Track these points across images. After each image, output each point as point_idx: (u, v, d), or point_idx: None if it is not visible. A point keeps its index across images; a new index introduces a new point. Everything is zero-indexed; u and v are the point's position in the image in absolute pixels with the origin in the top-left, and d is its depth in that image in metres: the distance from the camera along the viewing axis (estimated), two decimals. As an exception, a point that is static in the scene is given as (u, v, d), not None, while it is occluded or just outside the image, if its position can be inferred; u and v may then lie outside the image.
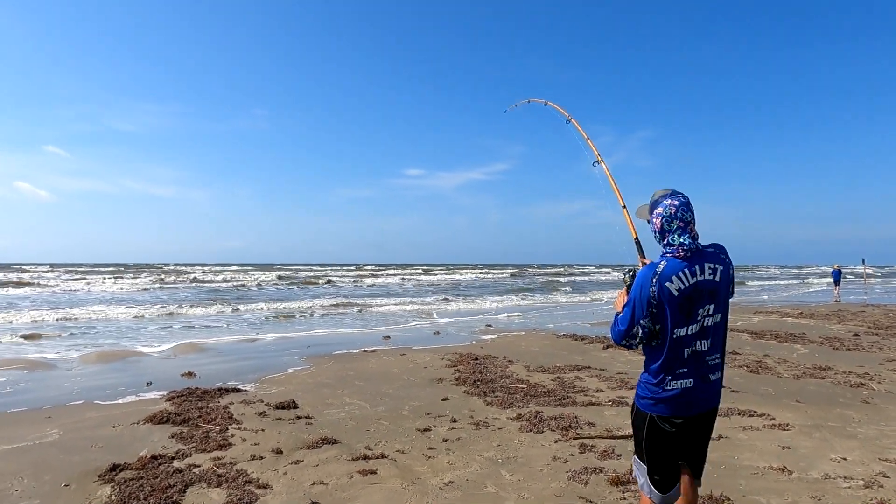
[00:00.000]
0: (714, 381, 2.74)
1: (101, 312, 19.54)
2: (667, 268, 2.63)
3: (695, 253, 2.65)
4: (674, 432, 2.71)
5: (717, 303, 2.67)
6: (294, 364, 10.11)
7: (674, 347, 2.63)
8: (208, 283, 41.33)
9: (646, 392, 2.75)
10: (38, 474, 4.70)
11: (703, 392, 2.69)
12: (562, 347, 11.96)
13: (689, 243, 2.63)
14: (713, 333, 2.69)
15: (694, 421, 2.73)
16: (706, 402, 2.73)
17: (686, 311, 2.61)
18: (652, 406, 2.72)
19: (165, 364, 10.27)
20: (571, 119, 4.66)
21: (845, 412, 6.48)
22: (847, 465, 4.75)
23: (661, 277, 2.61)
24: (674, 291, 2.59)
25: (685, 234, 2.64)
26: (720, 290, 2.68)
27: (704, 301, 2.63)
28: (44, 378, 8.95)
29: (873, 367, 9.24)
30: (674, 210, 2.66)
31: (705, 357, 2.69)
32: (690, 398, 2.67)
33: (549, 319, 18.89)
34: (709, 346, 2.68)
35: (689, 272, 2.61)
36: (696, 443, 2.81)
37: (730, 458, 4.95)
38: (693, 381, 2.66)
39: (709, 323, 2.66)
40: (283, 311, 21.46)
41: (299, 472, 4.70)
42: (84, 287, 35.15)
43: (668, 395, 2.67)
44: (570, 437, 5.57)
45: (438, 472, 4.69)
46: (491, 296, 32.16)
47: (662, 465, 2.76)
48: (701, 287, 2.62)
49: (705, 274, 2.63)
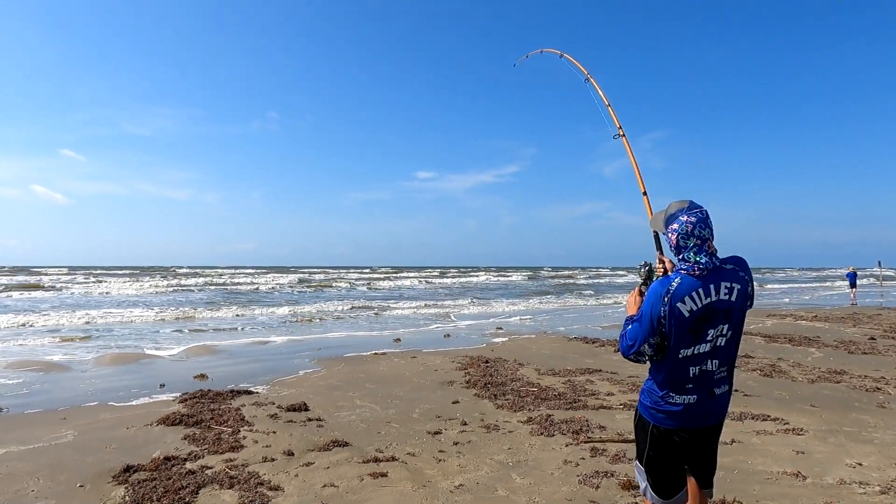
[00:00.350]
0: (720, 395, 2.67)
1: (118, 315, 19.76)
2: (680, 286, 2.51)
3: (712, 271, 2.53)
4: (676, 443, 2.66)
5: (732, 322, 2.58)
6: (305, 367, 10.16)
7: (679, 366, 2.57)
8: (223, 286, 41.62)
9: (648, 401, 2.71)
10: (53, 475, 4.76)
11: (708, 407, 2.63)
12: (573, 350, 11.91)
13: (705, 262, 2.51)
14: (725, 352, 2.62)
15: (698, 434, 2.68)
16: (711, 416, 2.68)
17: (695, 331, 2.52)
18: (654, 416, 2.68)
19: (178, 366, 10.36)
20: (590, 78, 4.23)
21: (861, 417, 6.40)
22: (863, 470, 4.69)
23: (673, 296, 2.50)
24: (685, 312, 2.49)
25: (702, 253, 2.52)
26: (735, 309, 2.57)
27: (718, 321, 2.54)
28: (59, 379, 9.07)
29: (889, 372, 9.11)
30: (690, 227, 2.52)
31: (715, 374, 2.63)
32: (694, 413, 2.62)
33: (560, 322, 18.82)
34: (718, 364, 2.62)
35: (704, 292, 2.50)
36: (702, 454, 2.75)
37: (743, 462, 4.90)
38: (698, 397, 2.60)
39: (721, 343, 2.58)
40: (302, 314, 21.52)
41: (310, 475, 4.72)
42: (101, 290, 35.55)
43: (671, 410, 2.62)
44: (581, 440, 5.55)
45: (449, 475, 4.69)
46: (505, 298, 32.13)
47: (664, 473, 2.72)
48: (715, 307, 2.52)
49: (721, 294, 2.52)
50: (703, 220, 2.54)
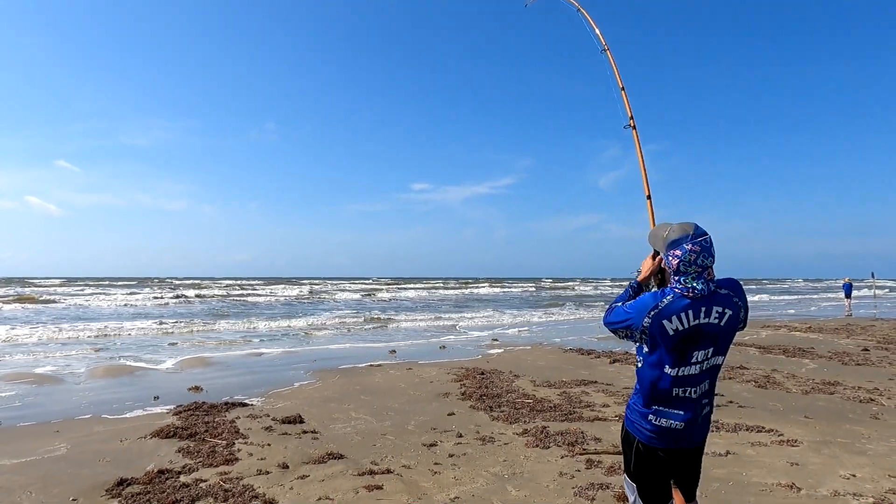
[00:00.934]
0: (703, 418, 2.69)
1: (112, 327, 19.65)
2: (670, 304, 2.51)
3: (706, 296, 2.52)
4: (661, 458, 2.68)
5: (719, 346, 2.58)
6: (300, 378, 10.13)
7: (665, 385, 2.58)
8: (221, 297, 41.44)
9: (634, 417, 2.72)
10: (46, 488, 4.73)
11: (691, 432, 2.65)
12: (568, 362, 11.92)
13: (700, 288, 2.50)
14: (710, 376, 2.63)
15: (681, 453, 2.71)
16: (695, 438, 2.70)
17: (680, 351, 2.52)
18: (640, 432, 2.70)
19: (172, 378, 10.31)
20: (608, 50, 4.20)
21: (855, 428, 6.43)
22: (856, 481, 4.71)
23: (660, 313, 2.51)
24: (669, 331, 2.50)
25: (700, 280, 2.51)
26: (722, 335, 2.57)
27: (704, 344, 2.54)
28: (52, 392, 9.01)
29: (883, 383, 9.15)
30: (694, 256, 2.50)
31: (702, 399, 2.64)
32: (678, 437, 2.64)
33: (555, 334, 18.83)
34: (705, 389, 2.63)
35: (693, 314, 2.50)
36: (686, 469, 2.78)
37: (738, 474, 4.92)
38: (683, 424, 2.61)
39: (707, 366, 2.58)
40: (303, 327, 21.44)
41: (305, 487, 4.71)
42: (95, 302, 35.36)
43: (654, 429, 2.63)
44: (577, 452, 5.55)
45: (444, 488, 4.69)
46: (501, 309, 32.10)
47: (651, 486, 2.73)
48: (703, 329, 2.52)
49: (711, 317, 2.51)
50: (707, 248, 2.53)
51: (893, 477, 4.79)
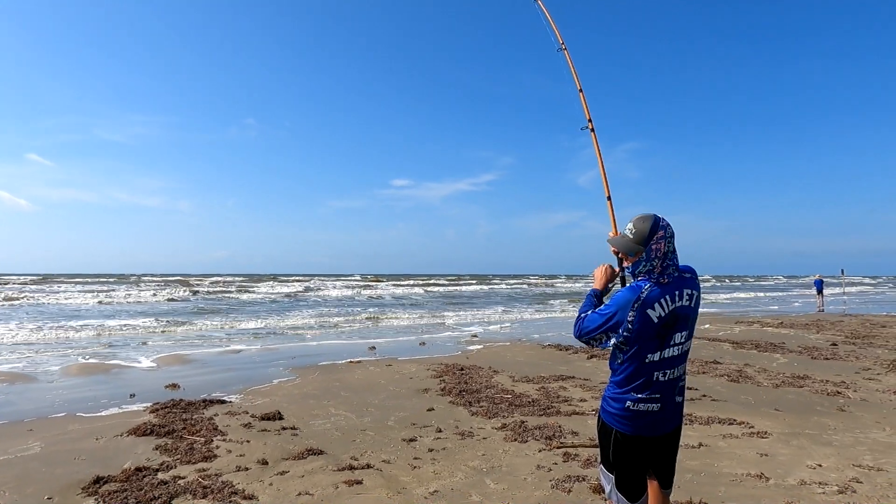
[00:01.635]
0: (679, 402, 2.79)
1: (87, 324, 19.29)
2: (651, 293, 2.62)
3: (676, 279, 2.68)
4: (639, 447, 2.74)
5: (689, 328, 2.74)
6: (279, 375, 10.08)
7: (645, 371, 2.65)
8: (198, 294, 40.88)
9: (611, 407, 2.77)
10: (20, 487, 4.66)
11: (668, 414, 2.73)
12: (546, 358, 12.05)
13: (670, 272, 2.65)
14: (686, 357, 2.76)
15: (659, 439, 2.77)
16: (671, 423, 2.78)
17: (662, 336, 2.64)
18: (616, 422, 2.75)
19: (149, 376, 10.19)
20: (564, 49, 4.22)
21: (822, 420, 6.64)
22: (822, 471, 4.88)
23: (644, 303, 2.60)
24: (654, 318, 2.60)
25: (671, 265, 2.66)
26: (692, 315, 2.74)
27: (679, 327, 2.67)
28: (24, 391, 8.84)
29: (849, 376, 9.44)
30: (670, 233, 2.66)
31: (678, 382, 2.74)
32: (655, 420, 2.70)
33: (534, 330, 19.00)
34: (682, 370, 2.75)
35: (670, 299, 2.63)
36: (663, 456, 2.84)
37: (710, 465, 5.05)
38: (660, 406, 2.69)
39: (684, 349, 2.72)
40: (285, 326, 21.29)
41: (285, 483, 4.72)
42: (67, 299, 34.63)
43: (632, 416, 2.69)
44: (554, 446, 5.64)
45: (424, 482, 4.74)
46: (486, 306, 32.24)
47: (629, 476, 2.78)
48: (678, 313, 2.65)
49: (683, 300, 2.66)
50: (671, 238, 2.68)
51: (857, 466, 4.97)
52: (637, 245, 2.68)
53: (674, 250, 2.68)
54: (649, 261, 2.66)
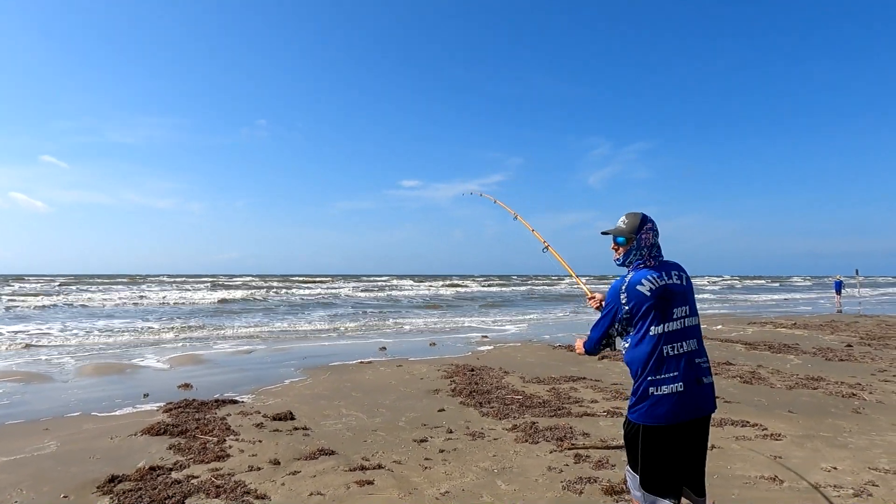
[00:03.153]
0: (707, 385, 2.79)
1: (101, 325, 19.50)
2: (636, 275, 2.87)
3: (662, 263, 2.94)
4: (666, 440, 2.69)
5: (690, 306, 2.89)
6: (291, 376, 10.14)
7: (654, 347, 2.72)
8: (213, 294, 41.11)
9: (636, 403, 2.77)
10: (36, 486, 4.73)
11: (695, 396, 2.70)
12: (557, 358, 12.02)
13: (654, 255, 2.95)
14: (696, 334, 2.85)
15: (687, 427, 2.71)
16: (699, 407, 2.73)
17: (660, 308, 2.77)
18: (642, 416, 2.73)
19: (162, 376, 10.28)
20: (517, 216, 5.19)
21: (837, 422, 6.56)
22: (837, 474, 4.82)
23: (630, 284, 2.85)
24: (645, 292, 2.79)
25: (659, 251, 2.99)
26: (689, 293, 2.92)
27: (677, 302, 2.83)
28: (40, 390, 8.96)
29: (865, 378, 9.33)
30: (656, 225, 3.00)
31: (695, 359, 2.77)
32: (682, 402, 2.68)
33: (544, 331, 18.95)
34: (696, 346, 2.81)
35: (657, 276, 2.85)
36: (692, 452, 2.78)
37: (723, 467, 5.01)
38: (684, 386, 2.69)
39: (689, 323, 2.82)
40: (294, 327, 21.39)
41: (297, 483, 4.74)
42: (82, 299, 35.03)
43: (657, 402, 2.67)
44: (565, 447, 5.63)
45: (435, 483, 4.74)
46: (495, 307, 32.20)
47: (656, 474, 2.72)
48: (671, 288, 2.83)
49: (672, 278, 2.87)
50: (656, 230, 2.99)
51: (873, 469, 4.92)
52: (630, 233, 2.97)
53: (658, 245, 2.98)
54: (639, 249, 2.94)
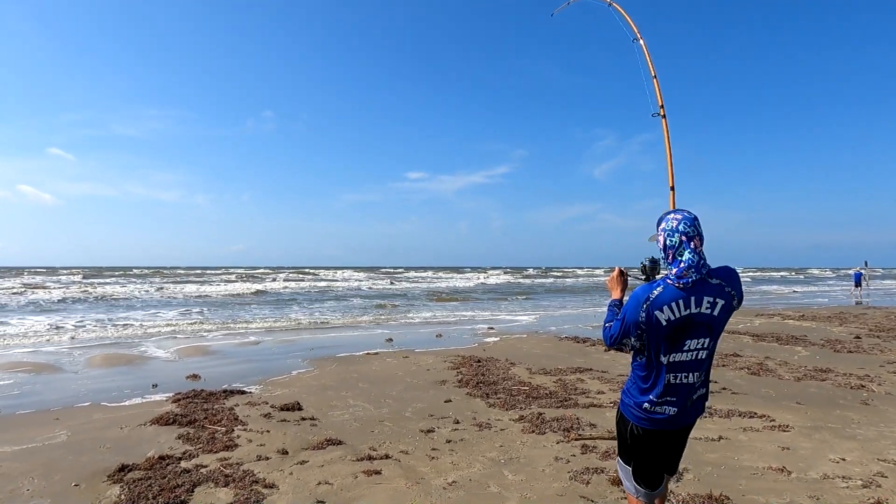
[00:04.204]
0: (697, 399, 2.72)
1: (112, 316, 19.65)
2: (661, 295, 2.53)
3: (697, 283, 2.52)
4: (655, 442, 2.74)
5: (710, 336, 2.60)
6: (298, 367, 10.18)
7: (658, 371, 2.62)
8: (217, 287, 41.34)
9: (629, 401, 2.77)
10: (47, 474, 4.78)
11: (683, 415, 2.70)
12: (564, 350, 12.02)
13: (691, 261, 2.51)
14: (704, 363, 2.64)
15: (674, 434, 2.77)
16: (686, 419, 2.75)
17: (672, 340, 2.55)
18: (634, 416, 2.75)
19: (170, 366, 10.36)
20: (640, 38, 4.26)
21: (845, 414, 6.53)
22: (846, 465, 4.81)
23: (652, 304, 2.53)
24: (662, 321, 2.52)
25: (688, 249, 2.52)
26: (716, 324, 2.58)
27: (697, 334, 2.56)
28: (50, 380, 9.04)
29: (874, 369, 9.28)
30: (675, 223, 2.56)
31: (695, 385, 2.66)
32: (672, 421, 2.69)
33: (550, 322, 18.93)
34: (698, 378, 2.65)
35: (684, 303, 2.51)
36: (674, 447, 2.85)
37: (730, 458, 5.00)
38: (677, 410, 2.65)
39: (701, 356, 2.60)
40: (306, 317, 21.46)
41: (305, 473, 4.77)
42: (92, 292, 35.30)
43: (648, 416, 2.69)
44: (572, 438, 5.63)
45: (442, 473, 4.76)
46: (501, 298, 32.21)
47: (647, 467, 2.79)
48: (695, 319, 2.53)
49: (702, 307, 2.53)
50: (689, 219, 2.57)
51: (882, 460, 4.89)
52: (658, 227, 2.68)
53: (685, 241, 2.53)
54: (660, 248, 2.64)
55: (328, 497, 4.26)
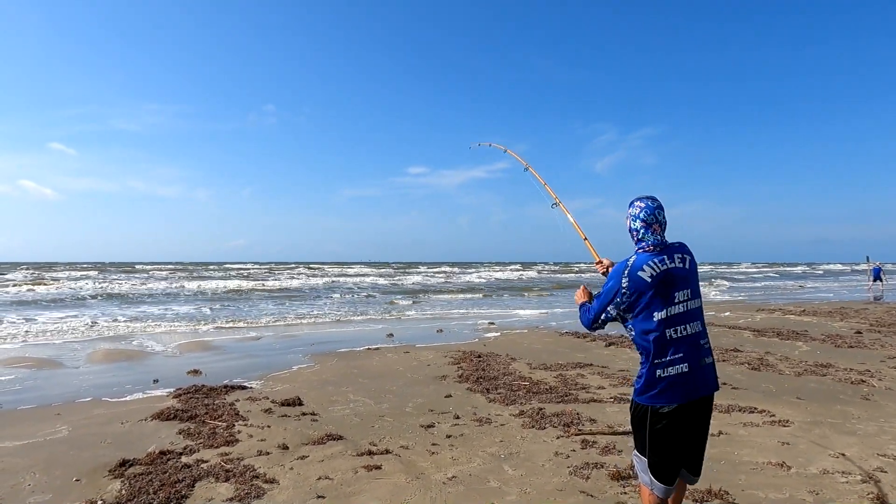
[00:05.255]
0: (708, 365, 2.84)
1: (113, 313, 19.67)
2: (637, 260, 2.85)
3: (664, 247, 2.88)
4: (673, 421, 2.75)
5: (693, 289, 2.87)
6: (299, 362, 10.20)
7: (659, 332, 2.75)
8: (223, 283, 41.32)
9: (642, 385, 2.82)
10: (49, 469, 4.79)
11: (699, 376, 2.77)
12: (564, 345, 12.03)
13: (653, 240, 2.87)
14: (699, 316, 2.86)
15: (691, 408, 2.78)
16: (703, 387, 2.80)
17: (663, 294, 2.78)
18: (649, 398, 2.78)
19: (171, 362, 10.38)
20: (529, 167, 5.09)
21: (845, 409, 6.54)
22: (845, 460, 4.81)
23: (631, 269, 2.82)
24: (646, 278, 2.79)
25: (649, 233, 2.88)
26: (691, 277, 2.89)
27: (680, 285, 2.82)
28: (51, 376, 9.07)
29: (874, 365, 9.28)
30: (638, 210, 2.91)
31: (699, 340, 2.82)
32: (687, 382, 2.74)
33: (551, 317, 18.95)
34: (699, 328, 2.84)
35: (659, 261, 2.82)
36: (695, 433, 2.86)
37: (730, 453, 5.01)
38: (689, 366, 2.75)
39: (692, 306, 2.83)
40: (307, 314, 21.47)
41: (305, 467, 4.78)
42: (91, 288, 35.36)
43: (664, 383, 2.74)
44: (572, 433, 5.64)
45: (442, 468, 4.77)
46: (502, 294, 32.20)
47: (664, 458, 2.81)
48: (673, 273, 2.82)
49: (675, 262, 2.85)
50: (652, 207, 2.89)
51: (882, 455, 4.90)
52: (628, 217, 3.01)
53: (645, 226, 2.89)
54: (629, 232, 2.99)
55: (328, 492, 4.27)
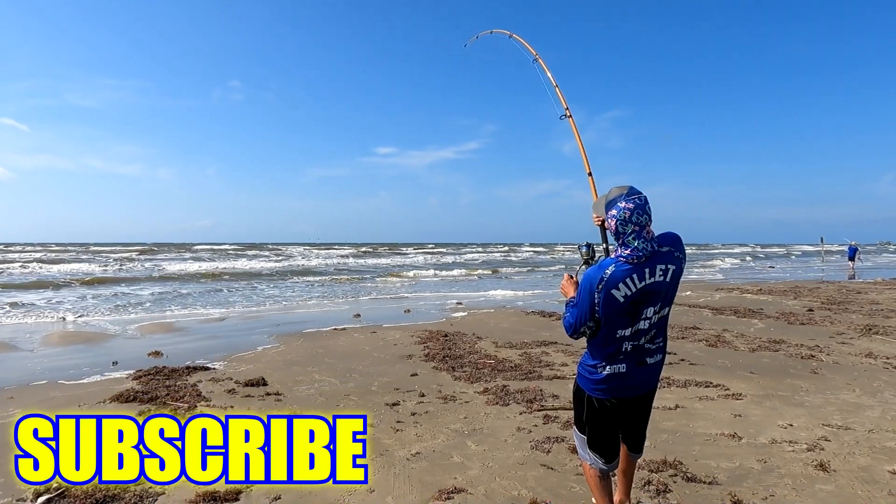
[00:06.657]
0: (651, 364, 2.81)
1: (72, 294, 19.08)
2: (614, 273, 2.58)
3: (649, 257, 2.59)
4: (609, 410, 2.82)
5: (666, 300, 2.71)
6: (263, 343, 10.10)
7: (616, 344, 2.71)
8: (186, 265, 40.46)
9: (584, 372, 2.88)
10: (2, 454, 4.65)
11: (637, 376, 2.77)
12: (530, 324, 12.19)
13: (642, 247, 2.57)
14: (657, 326, 2.74)
15: (629, 402, 2.84)
16: (642, 385, 2.83)
17: (632, 314, 2.64)
18: (589, 387, 2.84)
19: (131, 344, 10.15)
20: (538, 58, 4.29)
21: (795, 382, 6.82)
22: (793, 430, 5.03)
23: (607, 284, 2.58)
24: (619, 298, 2.58)
25: (639, 238, 2.57)
26: (670, 289, 2.69)
27: (652, 301, 2.65)
28: (4, 359, 8.77)
29: (823, 340, 9.68)
30: (628, 213, 2.56)
31: (645, 345, 2.75)
32: (624, 382, 2.76)
33: (518, 297, 19.15)
34: (650, 337, 2.74)
35: (638, 277, 2.58)
36: (633, 420, 2.94)
37: (685, 426, 5.19)
38: (626, 367, 2.74)
39: (655, 320, 2.70)
40: (276, 294, 21.20)
41: (268, 447, 4.76)
42: (50, 268, 34.19)
43: (601, 378, 2.77)
44: (535, 409, 5.75)
45: (406, 444, 4.81)
46: (471, 274, 32.33)
47: (601, 438, 2.89)
48: (649, 290, 2.61)
49: (656, 276, 2.60)
50: (641, 206, 2.58)
51: (826, 426, 5.14)
52: (603, 210, 2.71)
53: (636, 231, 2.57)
54: (609, 231, 2.69)
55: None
